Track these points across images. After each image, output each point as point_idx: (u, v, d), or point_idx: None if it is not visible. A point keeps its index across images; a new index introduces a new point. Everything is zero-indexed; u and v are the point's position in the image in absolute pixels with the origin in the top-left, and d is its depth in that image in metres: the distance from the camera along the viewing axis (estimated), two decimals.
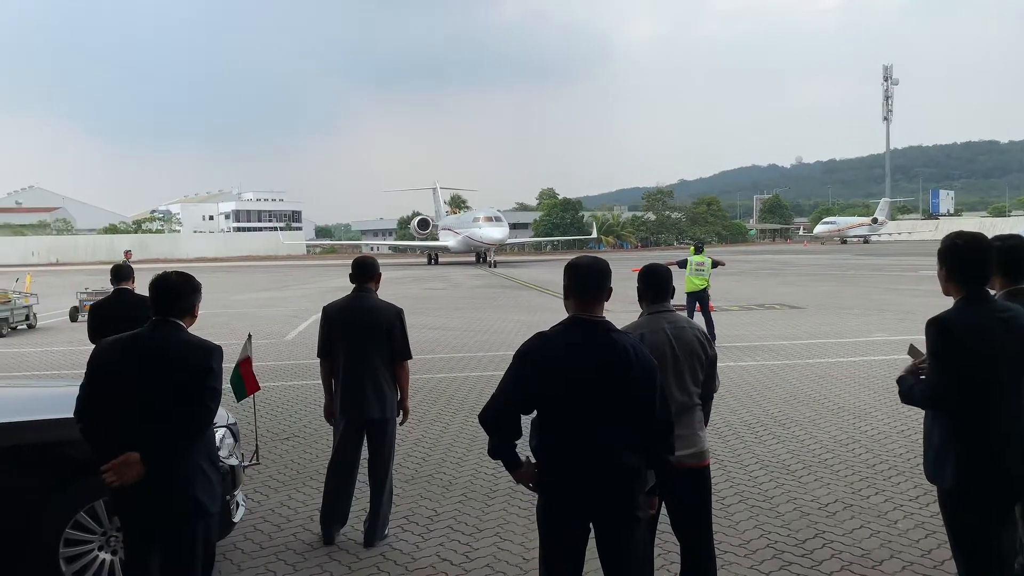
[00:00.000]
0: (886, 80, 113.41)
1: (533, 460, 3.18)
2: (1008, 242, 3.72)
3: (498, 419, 3.12)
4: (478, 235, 50.64)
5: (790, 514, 5.48)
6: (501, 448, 3.15)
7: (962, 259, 3.31)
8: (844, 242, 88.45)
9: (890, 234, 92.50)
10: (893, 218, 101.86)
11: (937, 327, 3.18)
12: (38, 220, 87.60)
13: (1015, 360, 3.19)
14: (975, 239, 3.36)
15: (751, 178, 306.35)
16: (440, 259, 57.66)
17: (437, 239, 60.86)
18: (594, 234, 75.42)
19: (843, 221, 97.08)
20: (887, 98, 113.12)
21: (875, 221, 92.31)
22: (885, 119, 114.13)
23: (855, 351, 12.55)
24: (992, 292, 3.53)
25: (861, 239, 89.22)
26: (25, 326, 17.85)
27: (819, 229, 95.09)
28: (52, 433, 4.22)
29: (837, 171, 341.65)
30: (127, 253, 22.97)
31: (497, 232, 50.75)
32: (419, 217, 69.60)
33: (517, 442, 3.16)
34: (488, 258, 50.24)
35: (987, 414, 3.17)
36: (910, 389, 3.34)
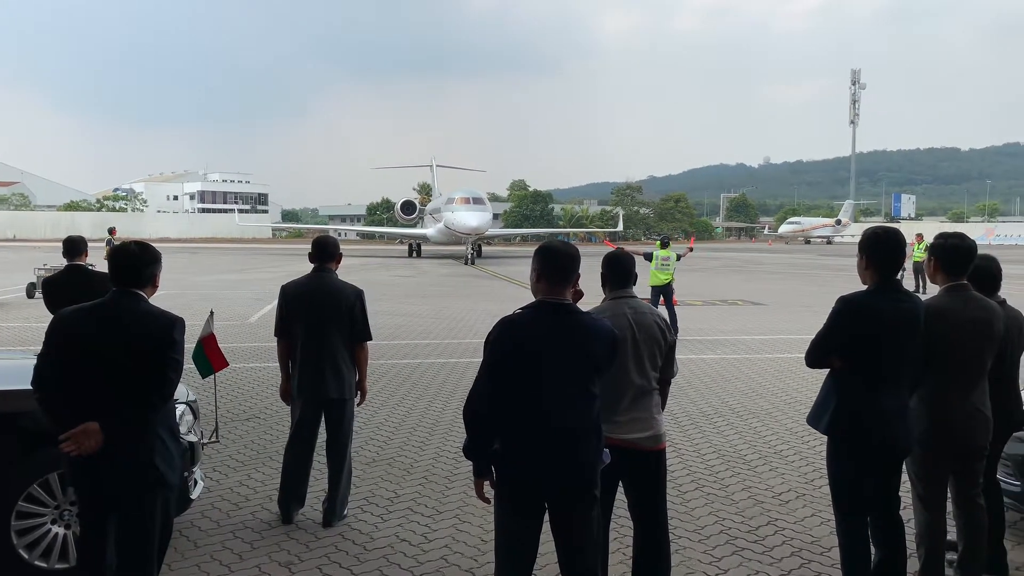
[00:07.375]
0: (854, 84, 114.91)
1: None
2: (950, 241, 3.92)
3: (478, 410, 3.13)
4: (451, 221, 40.32)
5: (744, 502, 5.60)
6: (477, 449, 3.17)
7: (879, 251, 3.69)
8: (808, 242, 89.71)
9: (853, 235, 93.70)
10: (856, 220, 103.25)
11: (841, 304, 3.74)
12: None
13: (894, 336, 3.66)
14: (892, 234, 3.72)
15: (719, 176, 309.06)
16: (424, 250, 48.32)
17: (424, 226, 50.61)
18: (620, 227, 64.63)
19: (807, 222, 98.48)
20: (854, 102, 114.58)
21: (838, 223, 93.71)
22: (852, 123, 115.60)
23: None
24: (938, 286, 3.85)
25: (824, 240, 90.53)
26: None
27: (784, 229, 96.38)
28: (5, 404, 4.15)
29: (804, 172, 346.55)
30: (112, 230, 22.22)
31: (474, 219, 39.73)
32: (404, 200, 58.86)
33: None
34: (468, 253, 39.35)
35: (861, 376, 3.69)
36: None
